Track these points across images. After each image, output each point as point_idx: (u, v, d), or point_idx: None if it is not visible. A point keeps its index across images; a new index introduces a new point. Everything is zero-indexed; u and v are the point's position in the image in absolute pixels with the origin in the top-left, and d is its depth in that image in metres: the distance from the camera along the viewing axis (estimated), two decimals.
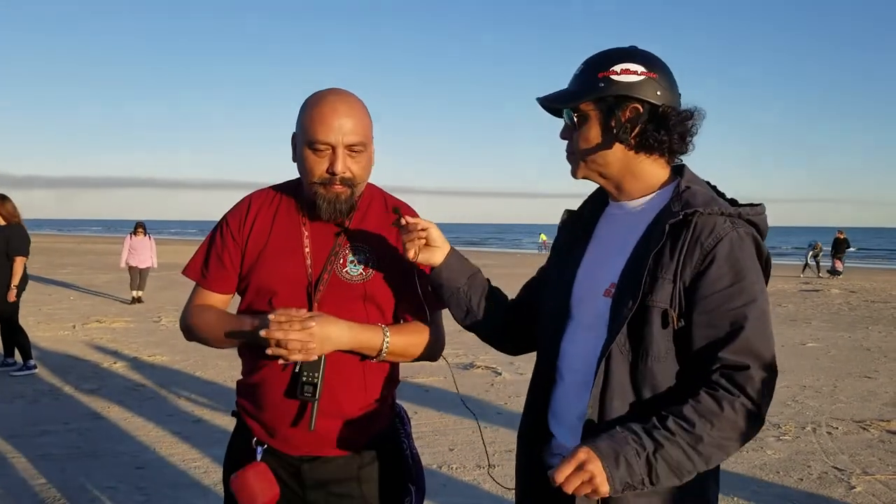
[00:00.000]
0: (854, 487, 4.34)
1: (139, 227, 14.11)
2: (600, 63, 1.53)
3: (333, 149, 1.70)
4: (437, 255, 1.71)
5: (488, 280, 1.80)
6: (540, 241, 46.43)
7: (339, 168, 1.70)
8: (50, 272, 19.40)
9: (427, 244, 1.71)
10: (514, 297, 1.83)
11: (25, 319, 10.51)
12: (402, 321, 1.83)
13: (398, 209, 1.76)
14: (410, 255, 1.70)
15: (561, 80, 1.64)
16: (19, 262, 7.21)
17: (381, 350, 1.74)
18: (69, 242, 42.84)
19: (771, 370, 1.41)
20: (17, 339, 7.30)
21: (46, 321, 10.58)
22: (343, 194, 1.73)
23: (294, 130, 1.78)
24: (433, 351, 1.85)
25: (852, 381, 7.42)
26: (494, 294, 1.77)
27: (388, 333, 1.75)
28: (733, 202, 1.53)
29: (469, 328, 1.79)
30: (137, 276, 13.59)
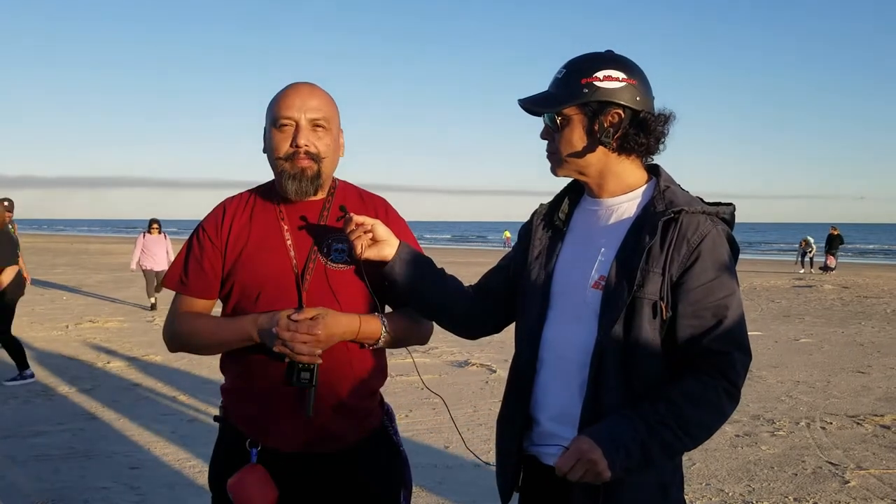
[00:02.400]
0: (848, 482, 4.36)
1: (154, 224, 12.49)
2: (583, 69, 1.60)
3: (297, 124, 1.74)
4: (385, 250, 1.74)
5: (442, 269, 1.83)
6: (504, 238, 47.82)
7: (301, 140, 1.74)
8: (43, 272, 19.32)
9: (374, 240, 1.74)
10: (472, 284, 1.89)
11: (19, 319, 10.47)
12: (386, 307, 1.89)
13: (344, 206, 1.78)
14: (357, 251, 1.72)
15: (543, 78, 1.73)
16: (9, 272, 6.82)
17: (378, 338, 1.78)
18: (62, 242, 42.70)
19: (747, 355, 1.54)
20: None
21: (39, 321, 10.54)
22: (308, 169, 1.76)
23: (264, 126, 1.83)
24: (424, 336, 1.91)
25: (846, 376, 7.45)
26: (449, 282, 1.82)
27: (385, 323, 1.78)
28: (700, 200, 1.63)
29: (429, 318, 1.85)
30: (153, 280, 12.10)
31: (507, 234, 48.83)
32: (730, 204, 1.63)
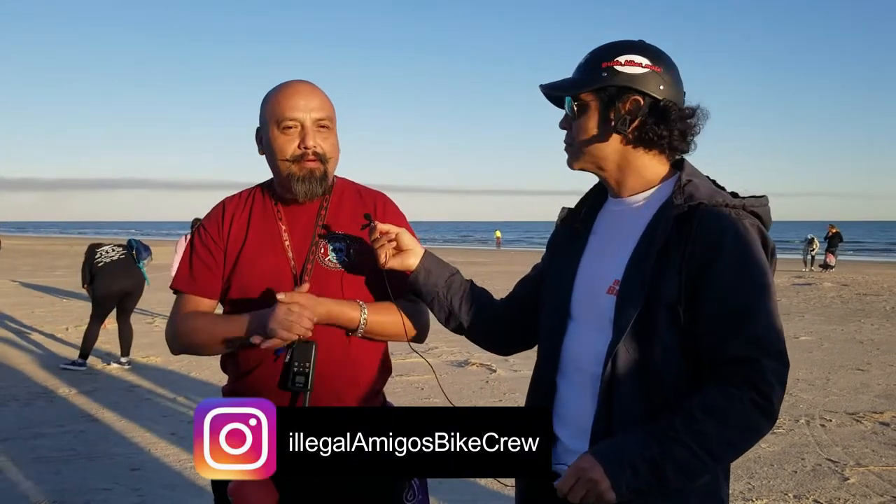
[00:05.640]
0: (848, 479, 4.37)
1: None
2: (605, 53, 1.51)
3: (302, 125, 1.74)
4: (409, 258, 1.69)
5: (471, 280, 1.77)
6: (495, 237, 48.09)
7: (310, 142, 1.73)
8: (43, 275, 19.32)
9: (399, 248, 1.69)
10: (504, 294, 1.81)
11: (20, 321, 10.48)
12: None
13: (369, 215, 1.75)
14: (381, 260, 1.69)
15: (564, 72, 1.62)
16: None
17: (359, 323, 1.73)
18: (62, 245, 42.65)
19: (781, 363, 1.37)
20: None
21: (40, 324, 10.54)
22: (317, 170, 1.75)
23: (257, 126, 1.82)
24: (417, 330, 1.83)
25: (845, 373, 7.46)
26: (478, 294, 1.74)
27: (364, 307, 1.74)
28: (734, 195, 1.49)
29: (455, 331, 1.77)
30: None
31: (499, 233, 49.18)
32: (762, 197, 1.48)
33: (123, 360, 7.69)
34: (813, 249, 24.20)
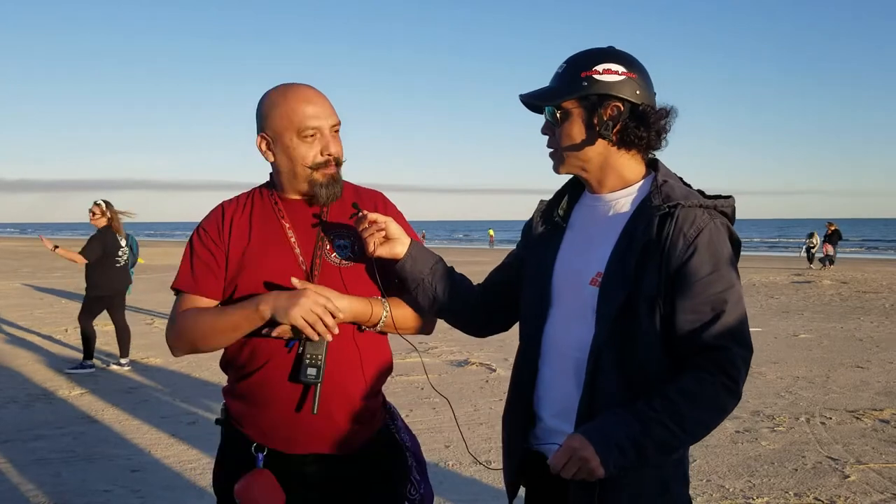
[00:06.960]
0: (848, 476, 4.37)
1: None
2: (583, 62, 1.61)
3: (321, 132, 1.77)
4: (397, 247, 1.77)
5: (452, 267, 1.85)
6: (488, 236, 48.20)
7: (333, 149, 1.78)
8: (41, 276, 19.31)
9: (386, 238, 1.76)
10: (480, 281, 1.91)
11: (19, 323, 10.47)
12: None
13: (356, 204, 1.80)
14: (369, 249, 1.74)
15: (542, 78, 1.74)
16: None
17: (380, 318, 1.78)
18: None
19: (747, 349, 1.52)
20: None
21: (39, 325, 10.53)
22: (337, 175, 1.81)
23: (262, 132, 1.80)
24: (426, 324, 1.90)
25: (845, 371, 7.46)
26: (459, 281, 1.84)
27: (386, 304, 1.79)
28: (702, 193, 1.62)
29: (437, 315, 1.87)
30: None
31: (492, 232, 49.39)
32: (729, 197, 1.61)
33: (123, 360, 7.69)
34: (813, 245, 24.25)
